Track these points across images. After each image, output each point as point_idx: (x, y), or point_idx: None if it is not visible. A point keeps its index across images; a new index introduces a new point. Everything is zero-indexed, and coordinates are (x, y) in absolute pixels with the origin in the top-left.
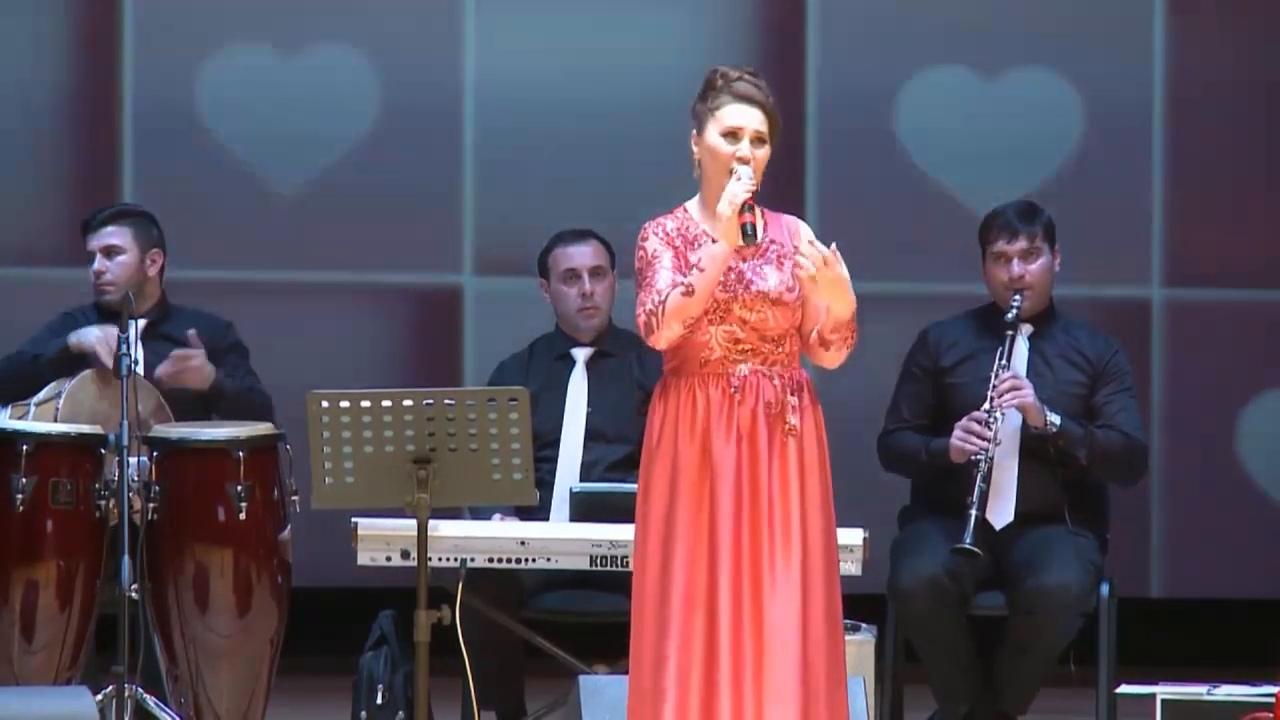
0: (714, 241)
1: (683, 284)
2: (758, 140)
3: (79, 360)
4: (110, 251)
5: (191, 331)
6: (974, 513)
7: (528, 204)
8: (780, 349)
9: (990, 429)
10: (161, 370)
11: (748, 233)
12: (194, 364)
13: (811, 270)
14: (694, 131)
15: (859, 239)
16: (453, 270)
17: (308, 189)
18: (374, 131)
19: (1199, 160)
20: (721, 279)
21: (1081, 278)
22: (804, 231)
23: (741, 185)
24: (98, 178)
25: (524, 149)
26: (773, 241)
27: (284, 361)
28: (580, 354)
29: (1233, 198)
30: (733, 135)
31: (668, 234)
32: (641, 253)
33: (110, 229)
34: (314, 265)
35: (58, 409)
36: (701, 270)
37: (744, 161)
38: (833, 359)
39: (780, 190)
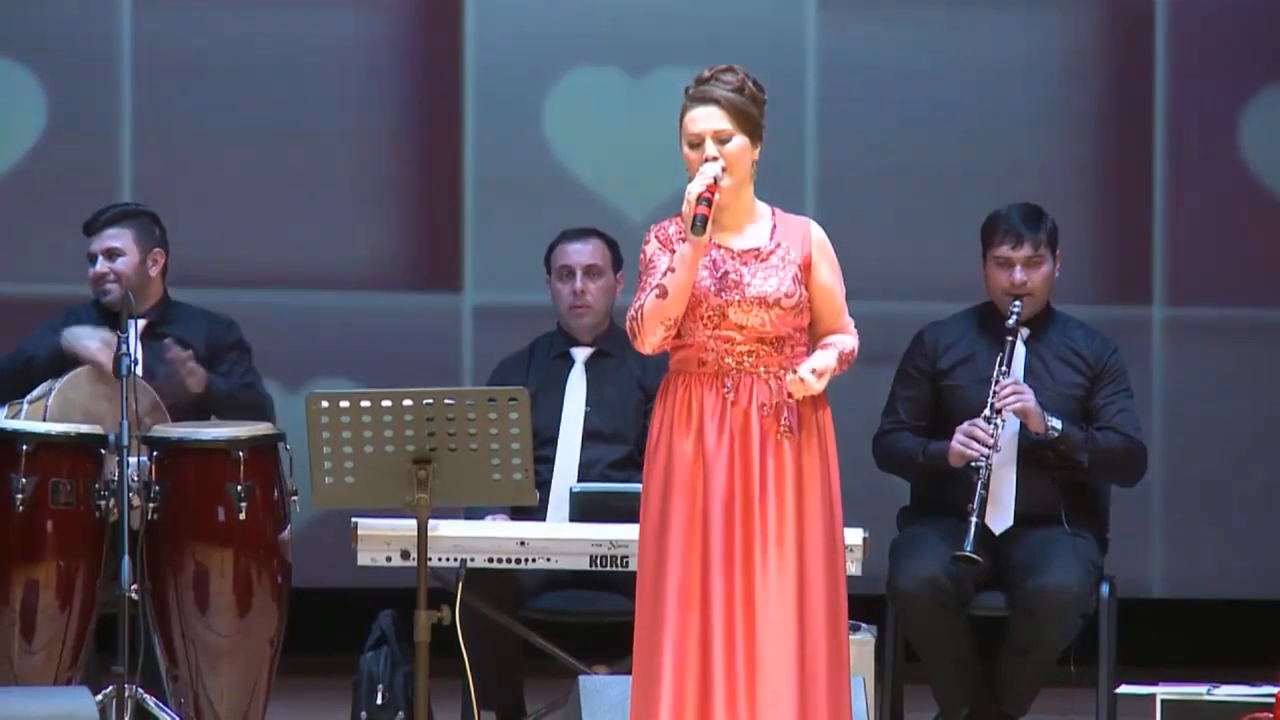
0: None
1: (657, 286)
2: (721, 137)
3: (72, 362)
4: (112, 254)
5: (167, 341)
6: (975, 519)
7: None
8: (780, 352)
9: (991, 435)
10: (157, 385)
11: (695, 224)
12: (190, 364)
13: (805, 394)
14: None
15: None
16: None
17: None
18: None
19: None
20: (719, 283)
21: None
22: (814, 234)
23: (699, 180)
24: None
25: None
26: (778, 245)
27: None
28: (579, 353)
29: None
30: (696, 141)
31: (668, 238)
32: (642, 256)
33: (112, 231)
34: None
35: (47, 406)
36: (673, 271)
37: (711, 160)
38: None
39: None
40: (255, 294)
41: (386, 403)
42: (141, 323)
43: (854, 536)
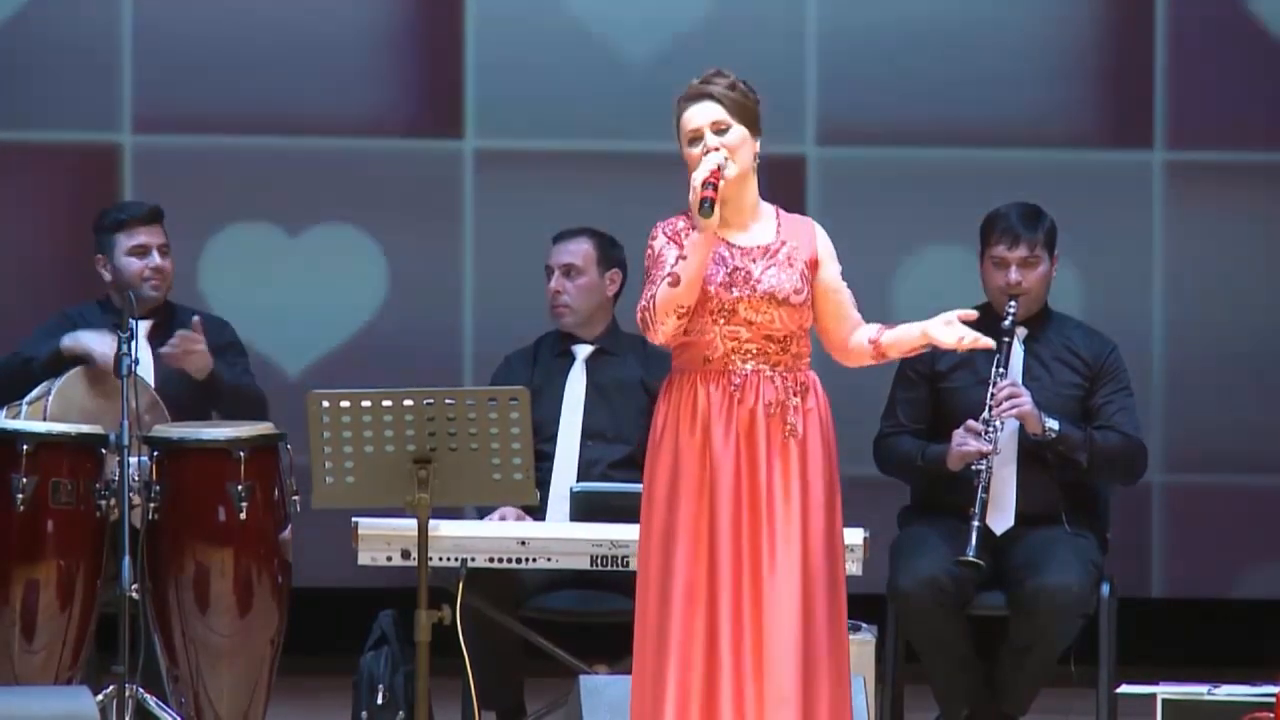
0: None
1: (670, 275)
2: (719, 127)
3: (71, 364)
4: (163, 251)
5: (196, 318)
6: (976, 524)
7: None
8: (786, 351)
9: (989, 438)
10: (164, 351)
11: (703, 207)
12: (198, 348)
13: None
14: None
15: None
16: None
17: None
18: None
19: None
20: (729, 279)
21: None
22: (819, 233)
23: (703, 168)
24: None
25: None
26: (784, 242)
27: None
28: (581, 352)
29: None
30: (696, 137)
31: (676, 232)
32: (649, 250)
33: (156, 227)
34: None
35: (47, 406)
36: (684, 259)
37: (713, 150)
38: (854, 363)
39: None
40: (257, 140)
41: (387, 402)
42: (147, 324)
43: (855, 536)
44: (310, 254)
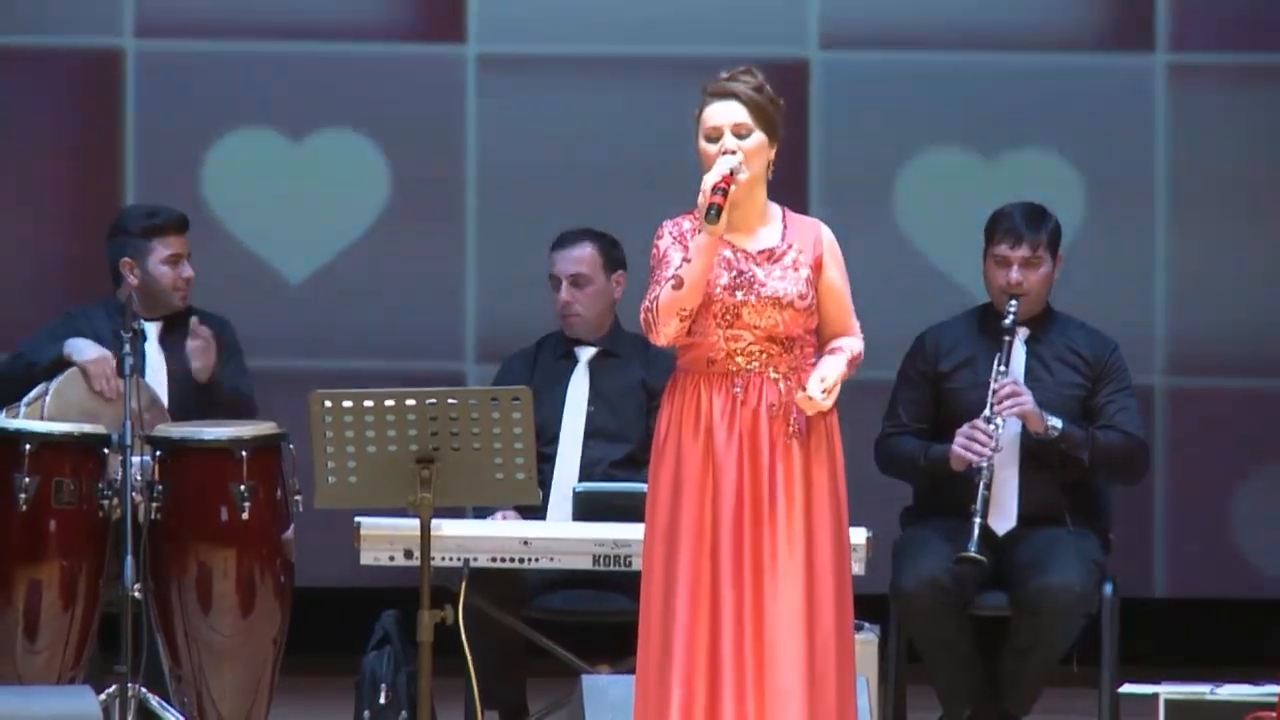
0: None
1: (673, 277)
2: (740, 131)
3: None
4: (190, 259)
5: (194, 320)
6: (978, 520)
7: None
8: (789, 352)
9: (991, 437)
10: (193, 345)
11: (710, 213)
12: (210, 347)
13: (816, 411)
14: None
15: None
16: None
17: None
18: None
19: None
20: (734, 282)
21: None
22: (825, 236)
23: (715, 171)
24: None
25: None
26: (790, 246)
27: None
28: (583, 353)
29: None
30: (715, 135)
31: (682, 233)
32: (655, 250)
33: (185, 236)
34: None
35: (44, 406)
36: (688, 261)
37: (729, 153)
38: None
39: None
40: (259, 45)
41: (389, 402)
42: (157, 326)
43: (857, 536)
44: (312, 160)
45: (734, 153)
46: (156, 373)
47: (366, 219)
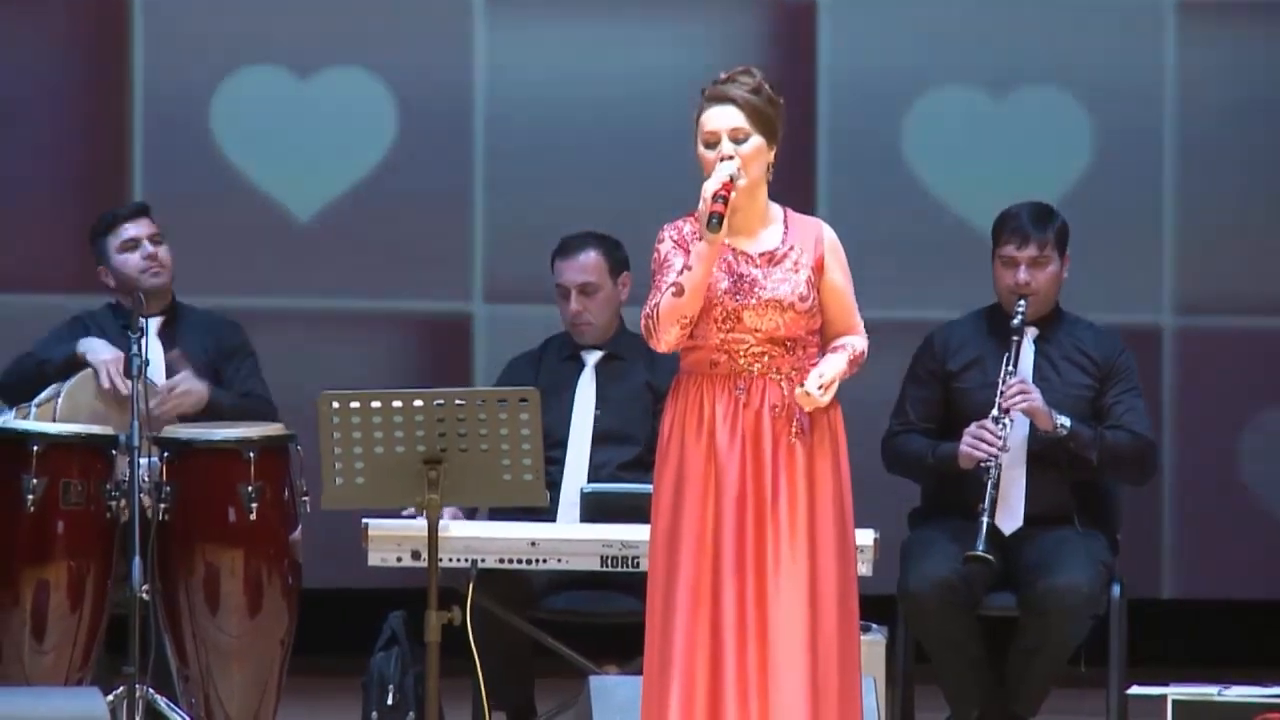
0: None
1: (674, 285)
2: (737, 136)
3: (83, 368)
4: (155, 239)
5: (175, 351)
6: (985, 520)
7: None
8: (792, 354)
9: (999, 436)
10: (155, 413)
11: (711, 222)
12: (180, 389)
13: (814, 407)
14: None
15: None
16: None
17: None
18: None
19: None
20: (734, 286)
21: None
22: (826, 236)
23: (715, 179)
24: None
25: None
26: (791, 247)
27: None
28: (590, 356)
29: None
30: (712, 140)
31: (683, 237)
32: (656, 254)
33: (142, 220)
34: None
35: (56, 408)
36: (689, 268)
37: (728, 159)
38: None
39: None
40: None
41: (397, 403)
42: (157, 321)
43: (864, 537)
44: (320, 97)
45: (732, 158)
46: (155, 370)
47: (374, 156)
